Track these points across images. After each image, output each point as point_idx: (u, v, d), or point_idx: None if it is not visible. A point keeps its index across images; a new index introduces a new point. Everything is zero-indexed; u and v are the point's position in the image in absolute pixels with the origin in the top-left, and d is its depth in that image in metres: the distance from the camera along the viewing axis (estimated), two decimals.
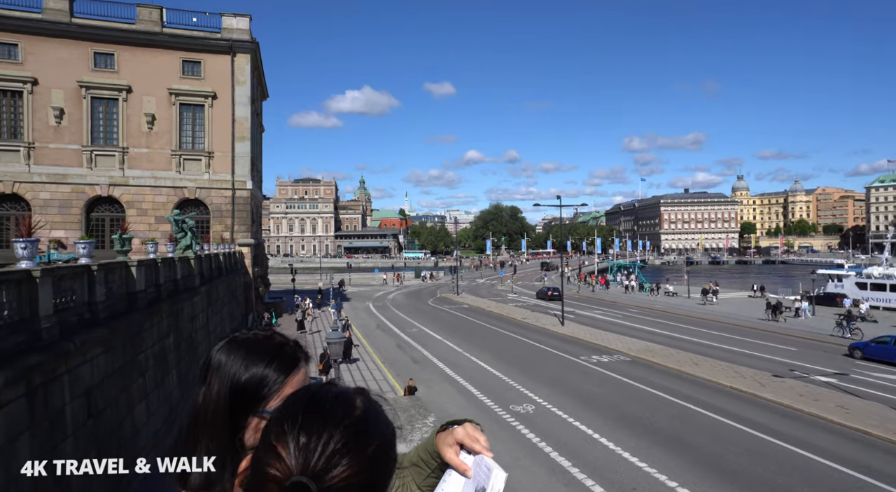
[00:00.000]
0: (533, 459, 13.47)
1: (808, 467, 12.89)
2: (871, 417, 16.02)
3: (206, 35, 32.69)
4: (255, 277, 37.41)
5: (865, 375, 22.26)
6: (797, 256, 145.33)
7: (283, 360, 1.22)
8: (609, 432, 15.23)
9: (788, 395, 18.51)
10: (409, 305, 50.38)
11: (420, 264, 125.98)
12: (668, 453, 13.78)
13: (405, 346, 29.13)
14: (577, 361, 24.83)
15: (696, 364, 23.43)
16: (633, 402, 18.37)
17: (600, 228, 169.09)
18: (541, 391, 19.54)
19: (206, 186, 32.47)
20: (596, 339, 30.00)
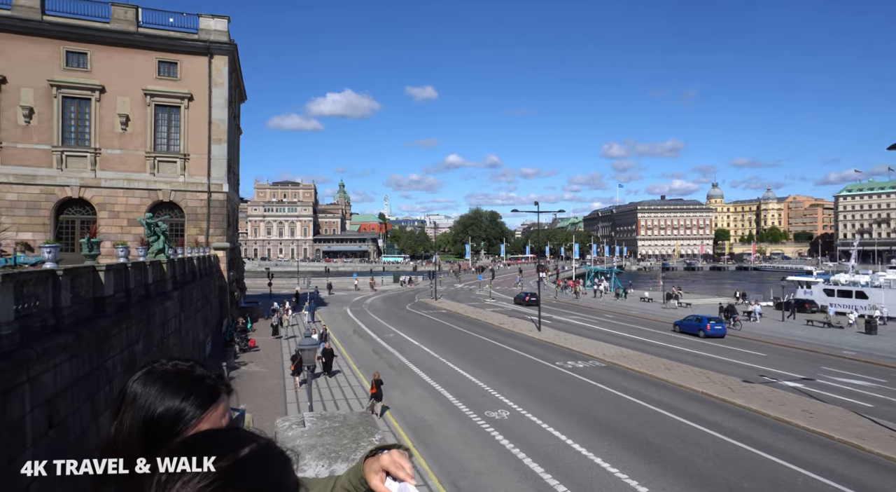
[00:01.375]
0: (506, 465, 13.53)
1: (773, 471, 13.18)
2: (833, 421, 16.46)
3: (183, 36, 32.29)
4: (230, 281, 36.93)
5: (830, 380, 22.86)
6: (769, 263, 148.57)
7: (202, 393, 1.18)
8: (582, 438, 15.38)
9: (757, 400, 18.92)
10: (388, 310, 50.21)
11: (399, 269, 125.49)
12: (640, 458, 13.97)
13: (382, 351, 29.02)
14: (553, 367, 25.01)
15: (668, 369, 23.80)
16: (606, 407, 18.58)
17: (578, 233, 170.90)
18: (516, 397, 19.64)
19: (182, 188, 32.01)
20: (572, 344, 30.27)
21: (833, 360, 27.43)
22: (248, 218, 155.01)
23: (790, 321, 41.55)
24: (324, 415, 2.33)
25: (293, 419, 2.25)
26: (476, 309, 49.88)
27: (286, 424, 2.21)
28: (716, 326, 34.18)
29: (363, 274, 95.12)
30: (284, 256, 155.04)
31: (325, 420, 2.23)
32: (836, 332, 36.50)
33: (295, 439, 2.01)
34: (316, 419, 2.24)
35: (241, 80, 41.88)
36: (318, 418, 2.26)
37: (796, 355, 28.63)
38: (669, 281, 75.86)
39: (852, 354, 28.47)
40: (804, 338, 33.71)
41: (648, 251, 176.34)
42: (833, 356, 28.24)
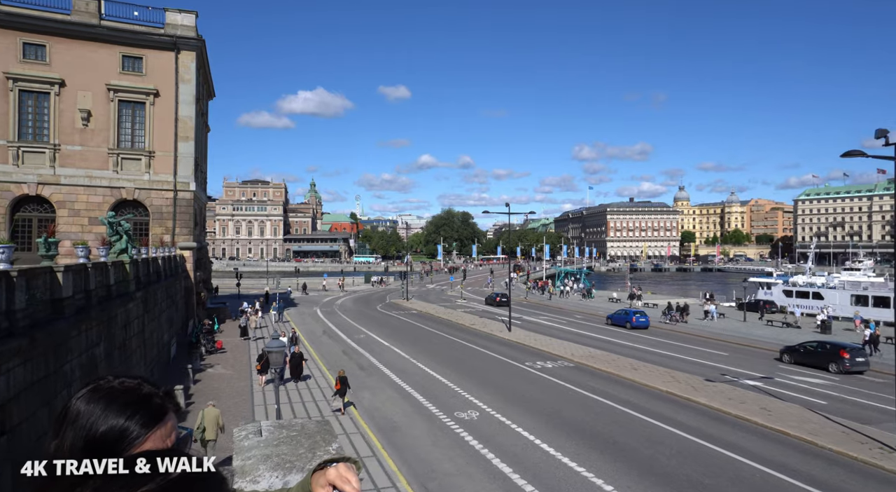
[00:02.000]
0: (475, 466, 13.60)
1: (734, 467, 13.58)
2: (790, 418, 17.05)
3: (149, 30, 31.48)
4: (197, 281, 36.17)
5: (788, 378, 23.65)
6: (733, 265, 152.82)
7: (148, 412, 1.15)
8: (550, 438, 15.56)
9: (718, 398, 19.45)
10: (358, 310, 49.89)
11: (371, 269, 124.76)
12: (606, 456, 14.21)
13: (352, 353, 28.83)
14: (523, 368, 25.24)
15: (634, 369, 24.27)
16: (574, 407, 18.85)
17: (549, 234, 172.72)
18: (486, 398, 19.76)
19: (146, 186, 31.21)
20: (541, 345, 30.60)
21: None
22: (217, 217, 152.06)
23: (752, 321, 42.78)
24: (281, 424, 2.32)
25: (250, 429, 2.23)
26: (447, 310, 49.95)
27: (242, 433, 2.19)
28: (640, 318, 38.89)
29: (334, 274, 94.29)
30: (254, 255, 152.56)
31: (283, 429, 2.22)
32: (794, 331, 37.75)
33: (251, 450, 2.00)
34: (273, 428, 2.23)
35: (210, 77, 41.06)
36: (276, 427, 2.25)
37: (755, 354, 29.52)
38: (637, 282, 77.39)
39: None
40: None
41: (617, 252, 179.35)
42: None
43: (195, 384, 21.31)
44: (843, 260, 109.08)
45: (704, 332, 37.26)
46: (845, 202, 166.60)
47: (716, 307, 45.02)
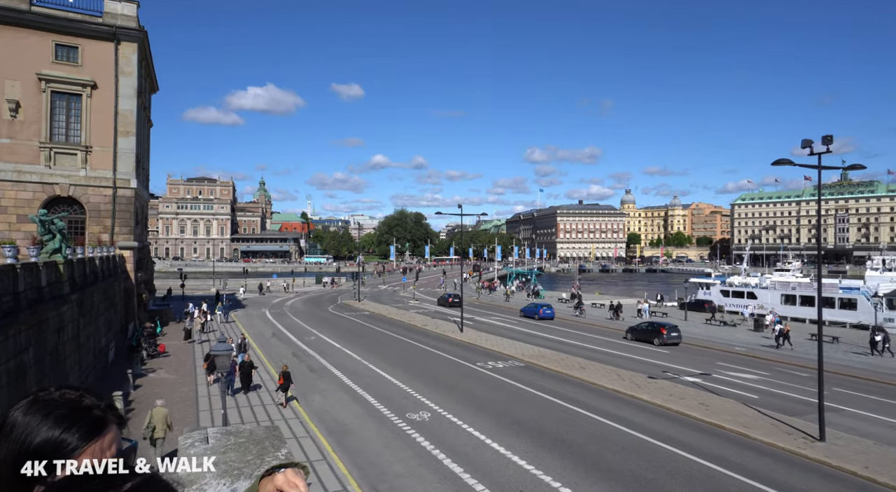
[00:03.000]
0: (426, 466, 13.65)
1: (673, 461, 14.18)
2: (726, 412, 17.95)
3: (85, 18, 29.96)
4: (138, 282, 34.65)
5: (723, 374, 24.86)
6: (675, 265, 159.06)
7: (87, 424, 1.14)
8: (501, 437, 15.79)
9: (660, 395, 20.24)
10: (309, 312, 49.05)
11: (322, 270, 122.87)
12: (554, 454, 14.55)
13: (302, 355, 28.34)
14: (474, 368, 25.49)
15: (582, 368, 24.93)
16: (524, 406, 19.19)
17: (501, 235, 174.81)
18: (437, 398, 19.84)
19: (83, 183, 29.67)
20: (493, 345, 30.98)
21: (727, 355, 29.85)
22: (160, 215, 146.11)
23: (693, 319, 44.65)
24: (229, 430, 2.29)
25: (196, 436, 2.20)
26: (400, 310, 49.81)
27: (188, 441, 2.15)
28: (546, 310, 44.75)
29: (284, 275, 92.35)
30: (199, 256, 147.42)
31: (230, 436, 2.20)
32: (730, 329, 39.70)
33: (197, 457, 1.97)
34: (220, 435, 2.20)
35: (153, 70, 39.44)
36: (223, 433, 2.23)
37: (694, 352, 30.88)
38: (586, 283, 79.55)
39: (742, 351, 31.12)
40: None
41: (567, 254, 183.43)
42: (727, 352, 30.73)
43: (135, 390, 20.44)
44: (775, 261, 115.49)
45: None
46: (776, 207, 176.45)
47: (648, 306, 48.35)
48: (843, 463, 13.75)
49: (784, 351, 31.03)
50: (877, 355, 30.08)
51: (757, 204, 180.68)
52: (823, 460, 14.03)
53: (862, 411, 19.26)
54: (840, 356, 29.55)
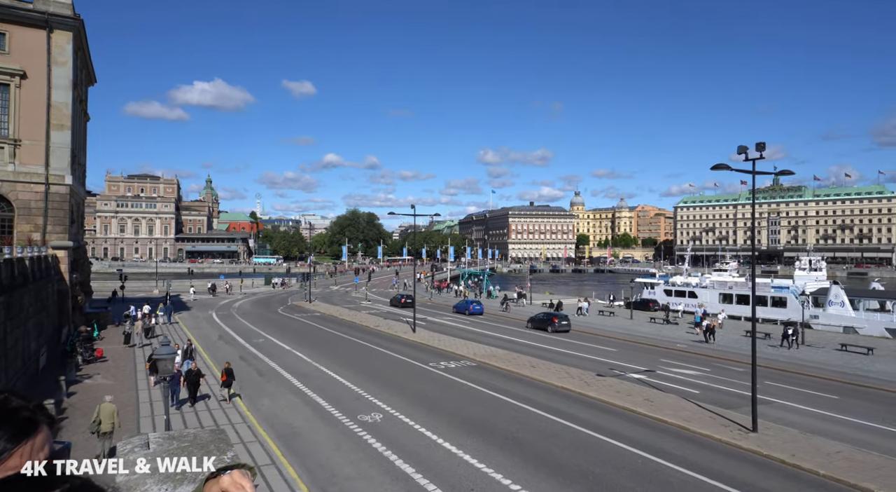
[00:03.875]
0: (378, 468, 13.59)
1: (619, 455, 14.66)
2: (668, 407, 18.70)
3: (14, 3, 28.26)
4: (73, 284, 32.90)
5: (667, 370, 25.88)
6: (622, 266, 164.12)
7: (14, 426, 1.11)
8: (453, 436, 15.89)
9: (608, 392, 20.86)
10: (257, 313, 47.85)
11: (271, 270, 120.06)
12: (505, 452, 14.77)
13: (251, 358, 27.63)
14: (426, 368, 25.53)
15: (533, 367, 25.39)
16: (476, 405, 19.37)
17: (454, 236, 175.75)
18: (389, 399, 19.77)
19: (11, 179, 27.95)
20: (445, 345, 31.11)
21: (670, 352, 31.07)
22: (98, 214, 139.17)
23: (637, 318, 46.23)
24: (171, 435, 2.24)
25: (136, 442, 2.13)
26: (352, 311, 49.31)
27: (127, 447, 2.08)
28: (476, 307, 49.13)
29: (231, 276, 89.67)
30: (141, 256, 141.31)
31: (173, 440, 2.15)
32: (673, 327, 41.31)
33: None
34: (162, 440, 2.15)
35: (90, 60, 37.56)
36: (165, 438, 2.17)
37: (640, 349, 31.99)
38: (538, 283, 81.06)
39: (684, 348, 32.46)
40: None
41: (519, 254, 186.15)
42: (669, 349, 31.99)
43: (69, 397, 19.41)
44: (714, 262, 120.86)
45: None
46: (716, 209, 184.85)
47: (588, 305, 50.53)
48: (772, 452, 14.57)
49: (712, 345, 32.85)
50: (786, 347, 32.19)
51: (698, 207, 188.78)
52: (755, 450, 14.83)
53: (789, 403, 20.46)
54: (770, 351, 31.24)
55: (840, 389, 23.01)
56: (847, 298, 41.98)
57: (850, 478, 12.89)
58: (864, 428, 17.66)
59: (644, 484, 12.79)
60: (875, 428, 17.65)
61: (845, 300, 41.79)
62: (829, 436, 16.27)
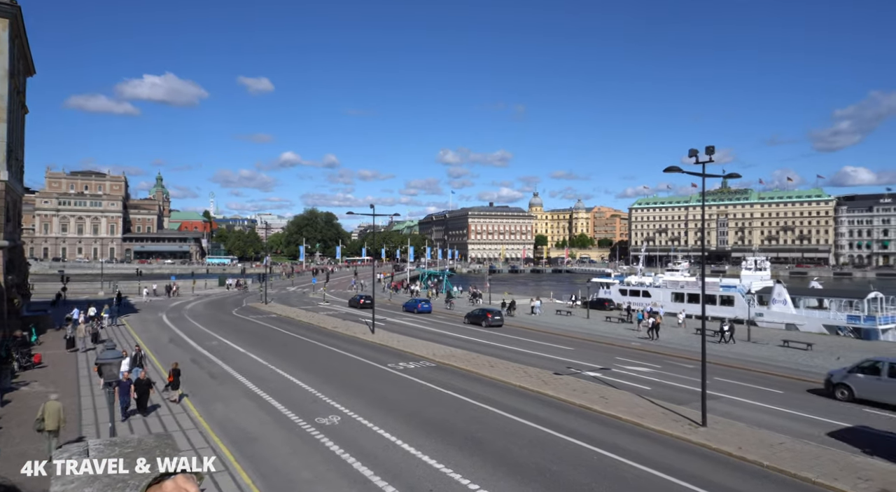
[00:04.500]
0: (336, 471, 13.39)
1: (575, 452, 14.92)
2: (622, 404, 19.16)
3: None
4: (8, 286, 31.12)
5: (621, 368, 26.53)
6: (579, 266, 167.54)
7: None
8: (412, 437, 15.82)
9: (565, 390, 21.21)
10: (210, 315, 46.47)
11: (226, 271, 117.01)
12: (464, 451, 14.80)
13: (202, 361, 26.79)
14: (385, 369, 25.36)
15: (491, 366, 25.57)
16: (435, 406, 19.35)
17: (414, 236, 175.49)
18: (348, 402, 19.53)
19: None
20: (404, 346, 30.98)
21: (624, 351, 31.87)
22: (37, 212, 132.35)
23: (594, 317, 47.27)
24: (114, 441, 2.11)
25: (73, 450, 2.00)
26: (309, 313, 48.54)
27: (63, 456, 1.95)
28: (424, 305, 51.25)
29: (183, 277, 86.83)
30: (85, 256, 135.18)
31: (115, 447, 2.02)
32: (628, 326, 42.38)
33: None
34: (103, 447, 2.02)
35: (28, 50, 35.65)
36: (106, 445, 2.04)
37: (596, 348, 32.69)
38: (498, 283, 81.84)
39: (638, 346, 33.36)
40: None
41: (478, 255, 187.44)
42: (624, 347, 32.81)
43: (3, 406, 18.33)
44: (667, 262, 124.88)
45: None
46: (668, 211, 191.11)
47: (540, 304, 51.60)
48: (721, 445, 15.13)
49: (657, 342, 34.12)
50: (723, 343, 33.95)
51: (651, 208, 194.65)
52: (705, 444, 15.36)
53: (736, 397, 21.31)
54: (719, 348, 32.43)
55: (783, 383, 24.13)
56: (789, 297, 44.10)
57: (791, 468, 13.50)
58: (804, 420, 18.55)
59: (599, 480, 13.05)
60: (815, 420, 18.57)
61: (787, 299, 43.89)
62: (773, 429, 17.01)
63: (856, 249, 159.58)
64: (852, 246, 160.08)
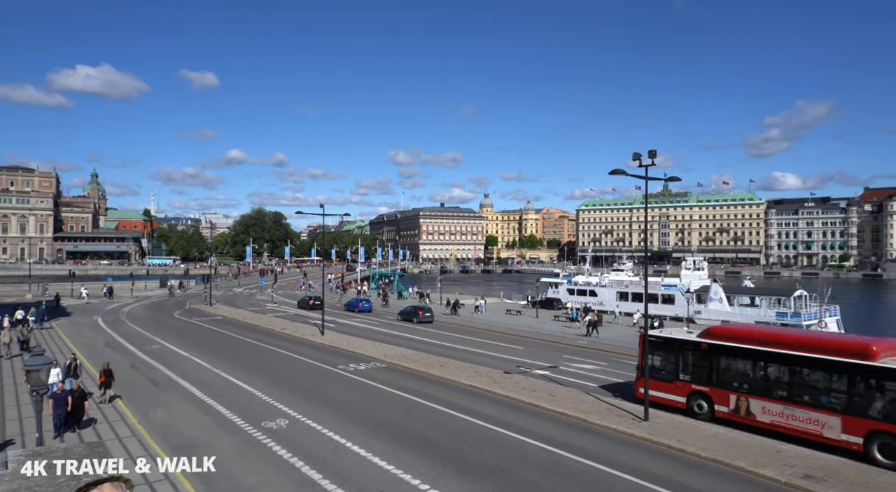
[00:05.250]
0: (283, 476, 13.11)
1: (524, 449, 15.18)
2: (569, 401, 19.65)
3: None
4: None
5: (569, 366, 27.19)
6: (528, 266, 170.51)
7: None
8: (362, 439, 15.68)
9: (514, 388, 21.54)
10: (151, 318, 44.58)
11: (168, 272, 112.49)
12: (414, 452, 14.80)
13: (143, 366, 25.66)
14: (335, 371, 25.04)
15: (442, 366, 25.67)
16: (385, 407, 19.25)
17: (365, 236, 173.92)
18: (297, 405, 19.16)
19: None
20: (354, 347, 30.68)
21: (571, 349, 32.66)
22: None
23: (542, 316, 48.19)
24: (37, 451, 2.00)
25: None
26: (257, 314, 47.33)
27: None
28: (364, 304, 52.43)
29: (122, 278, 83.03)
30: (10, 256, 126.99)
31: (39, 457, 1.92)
32: (572, 324, 43.46)
33: None
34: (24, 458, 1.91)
35: None
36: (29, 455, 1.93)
37: (545, 346, 33.36)
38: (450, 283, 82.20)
39: (584, 344, 34.27)
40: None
41: (429, 255, 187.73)
42: (571, 346, 33.63)
43: None
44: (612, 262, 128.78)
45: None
46: (613, 213, 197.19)
47: (485, 303, 52.44)
48: (661, 438, 15.76)
49: (601, 340, 35.42)
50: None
51: (598, 210, 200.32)
52: (647, 437, 15.96)
53: None
54: None
55: None
56: (724, 295, 46.40)
57: (725, 458, 14.22)
58: None
59: (547, 476, 13.33)
60: None
61: (723, 297, 46.17)
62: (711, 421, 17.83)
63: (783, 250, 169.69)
64: (780, 247, 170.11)
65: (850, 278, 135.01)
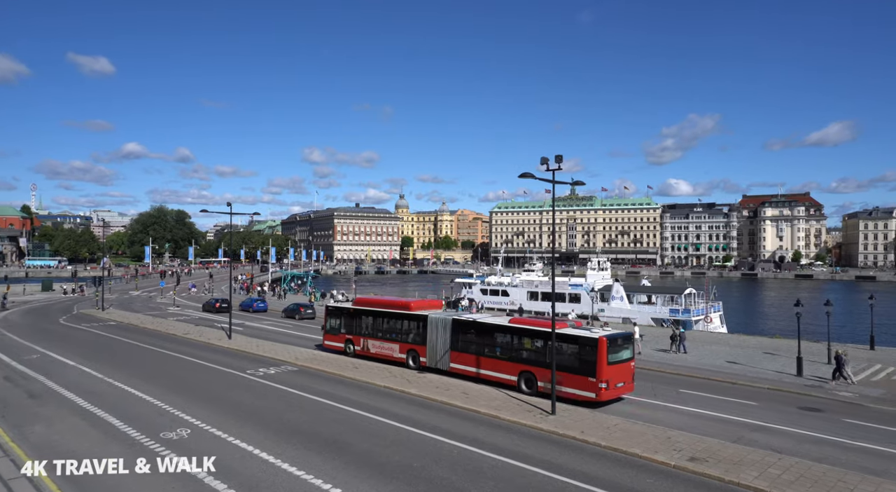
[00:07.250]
0: (184, 489, 12.37)
1: (438, 447, 15.36)
2: (482, 399, 20.13)
3: None
4: None
5: None
6: (443, 267, 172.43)
7: None
8: (271, 446, 15.15)
9: (428, 388, 21.73)
10: (31, 324, 40.46)
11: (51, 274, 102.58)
12: (325, 456, 14.51)
13: (19, 378, 23.22)
14: (244, 376, 24.01)
15: (355, 368, 25.37)
16: (296, 411, 18.73)
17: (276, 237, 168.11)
18: (200, 413, 18.16)
19: None
20: (264, 351, 29.58)
21: None
22: None
23: None
24: None
25: None
26: (156, 318, 44.34)
27: None
28: (259, 304, 53.71)
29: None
30: None
31: None
32: None
33: None
34: None
35: None
36: None
37: None
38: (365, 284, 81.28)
39: None
40: None
41: (344, 256, 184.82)
42: None
43: None
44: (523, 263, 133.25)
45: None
46: (525, 215, 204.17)
47: None
48: (567, 430, 16.55)
49: None
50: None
51: (510, 212, 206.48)
52: (554, 430, 16.69)
53: None
54: None
55: None
56: (625, 294, 49.50)
57: (623, 446, 15.19)
58: (636, 403, 20.93)
59: (459, 473, 13.58)
60: (643, 402, 21.05)
61: (624, 295, 49.25)
62: (611, 413, 18.98)
63: (676, 251, 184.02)
64: (674, 248, 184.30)
65: (731, 277, 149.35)
